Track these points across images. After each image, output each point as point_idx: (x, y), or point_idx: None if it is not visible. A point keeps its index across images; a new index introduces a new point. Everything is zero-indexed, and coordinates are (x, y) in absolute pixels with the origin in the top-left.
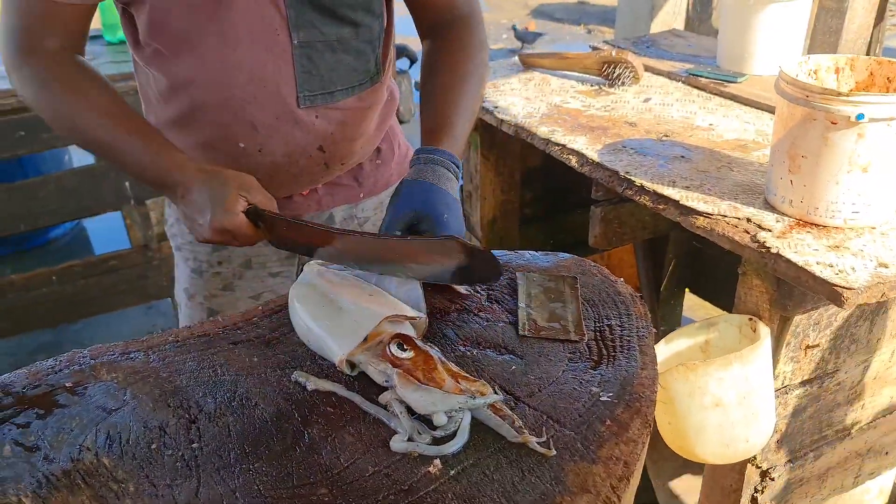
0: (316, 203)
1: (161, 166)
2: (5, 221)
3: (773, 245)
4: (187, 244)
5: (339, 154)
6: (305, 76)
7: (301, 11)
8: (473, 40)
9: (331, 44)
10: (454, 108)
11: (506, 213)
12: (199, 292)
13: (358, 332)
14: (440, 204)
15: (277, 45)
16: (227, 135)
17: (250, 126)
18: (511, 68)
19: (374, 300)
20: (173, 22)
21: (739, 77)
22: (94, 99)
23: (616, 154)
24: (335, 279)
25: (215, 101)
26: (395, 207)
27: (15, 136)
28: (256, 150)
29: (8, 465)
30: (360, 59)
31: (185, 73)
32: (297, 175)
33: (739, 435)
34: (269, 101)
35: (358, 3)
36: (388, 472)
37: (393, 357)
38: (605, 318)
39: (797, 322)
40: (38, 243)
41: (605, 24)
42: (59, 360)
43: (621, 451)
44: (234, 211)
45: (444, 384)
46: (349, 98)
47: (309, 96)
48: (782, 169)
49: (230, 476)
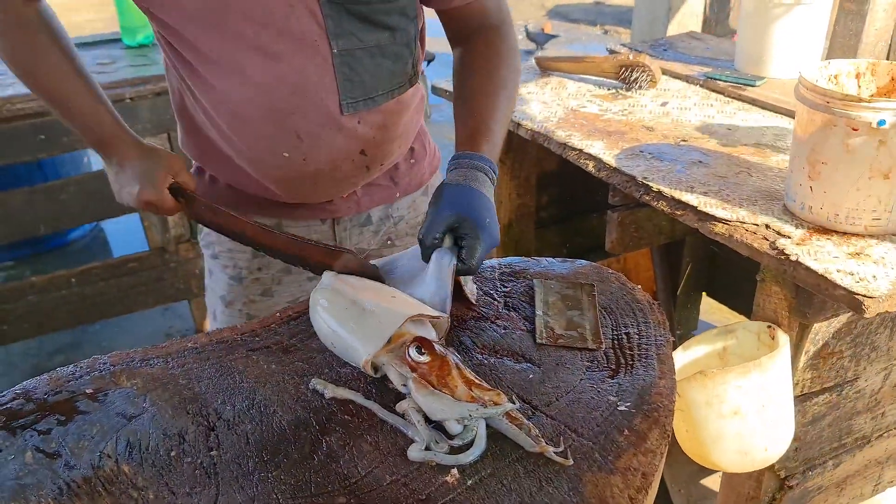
0: (355, 205)
1: (104, 132)
2: (27, 224)
3: (792, 252)
4: (226, 252)
5: (380, 156)
6: (347, 84)
7: (339, 20)
8: (506, 46)
9: (370, 50)
10: (492, 114)
11: (521, 217)
12: (238, 299)
13: (383, 333)
14: (482, 209)
15: (318, 55)
16: (270, 146)
17: (294, 136)
18: (528, 72)
19: (396, 301)
20: (213, 40)
21: (758, 80)
22: (55, 59)
23: (633, 159)
24: (356, 283)
25: (258, 114)
26: (437, 209)
27: (36, 139)
28: (301, 158)
29: (30, 471)
30: (398, 63)
31: (227, 89)
32: (339, 180)
33: (758, 444)
34: (312, 111)
35: (393, 8)
36: (406, 482)
37: (411, 360)
38: (623, 326)
39: (816, 329)
40: (58, 245)
41: (622, 25)
42: (79, 367)
43: (639, 461)
44: (160, 188)
45: (456, 391)
46: (389, 101)
47: (352, 103)
48: (802, 175)
49: (249, 484)
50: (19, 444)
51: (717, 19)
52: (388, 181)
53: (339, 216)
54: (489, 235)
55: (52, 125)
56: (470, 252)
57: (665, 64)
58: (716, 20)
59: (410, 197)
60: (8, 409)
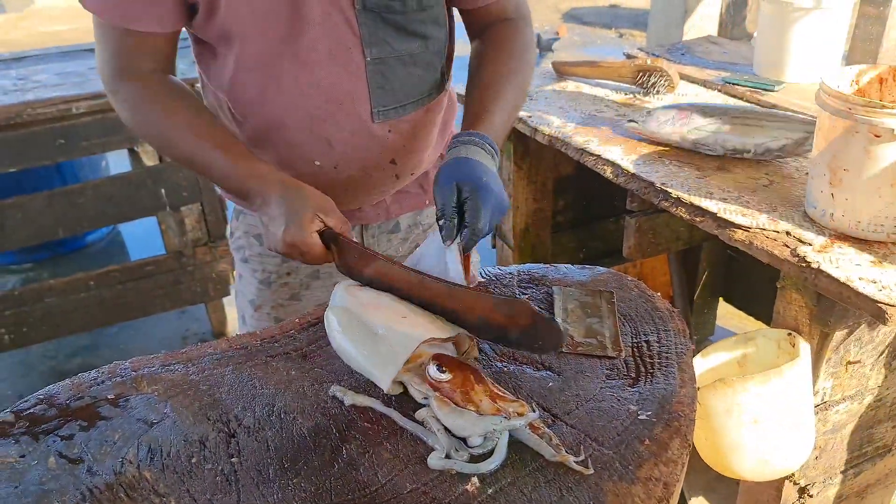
0: (384, 212)
1: (241, 175)
2: (46, 227)
3: (813, 260)
4: (256, 256)
5: (410, 165)
6: (379, 91)
7: (374, 29)
8: (520, 40)
9: (402, 58)
10: (495, 100)
11: (538, 222)
12: (266, 303)
13: (396, 360)
14: (479, 171)
15: (351, 62)
16: (302, 153)
17: (326, 143)
18: (544, 76)
19: (408, 322)
20: (248, 47)
21: (776, 85)
22: (181, 116)
23: (651, 165)
24: (366, 299)
25: (291, 121)
26: (438, 187)
27: (54, 143)
28: (332, 166)
29: (53, 476)
30: (429, 71)
31: (261, 95)
32: (370, 188)
33: (777, 452)
34: (344, 119)
35: (428, 17)
36: (426, 490)
37: (432, 380)
38: (643, 333)
39: (838, 338)
40: (76, 248)
41: (637, 28)
42: (101, 372)
43: (661, 471)
44: (307, 230)
45: (481, 405)
46: (419, 109)
47: (383, 111)
48: (823, 182)
49: (269, 491)
50: (42, 450)
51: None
52: (418, 188)
53: (368, 223)
54: (492, 195)
55: (70, 130)
56: (474, 214)
57: (682, 68)
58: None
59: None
60: (31, 415)
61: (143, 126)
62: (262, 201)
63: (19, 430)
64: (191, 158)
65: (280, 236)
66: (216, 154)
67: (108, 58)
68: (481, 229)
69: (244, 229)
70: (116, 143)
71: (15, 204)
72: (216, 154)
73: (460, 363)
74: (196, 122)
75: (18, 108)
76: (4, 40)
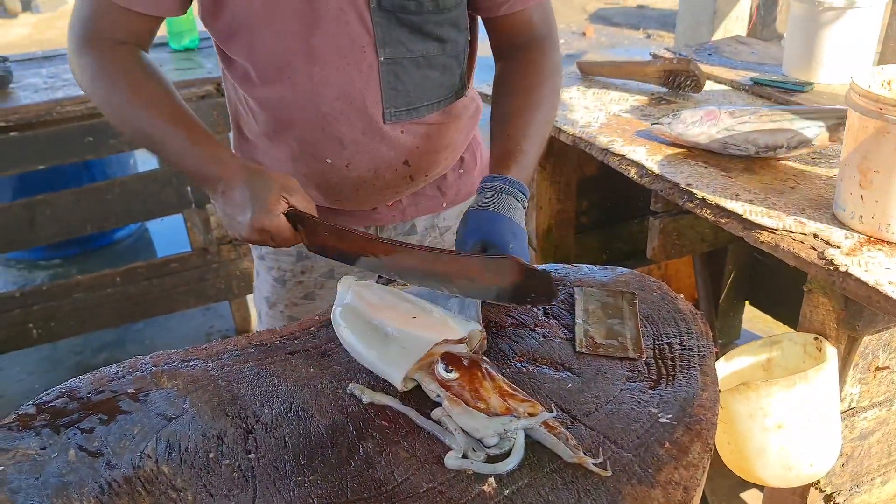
0: (400, 214)
1: (202, 160)
2: (74, 224)
3: (841, 263)
4: (271, 254)
5: (424, 167)
6: (392, 93)
7: (388, 28)
8: (548, 64)
9: (416, 60)
10: (525, 134)
11: (561, 223)
12: (281, 301)
13: (408, 360)
14: (506, 233)
15: (364, 62)
16: (314, 151)
17: (337, 142)
18: (570, 77)
19: (418, 323)
20: (263, 44)
21: (806, 86)
22: (144, 91)
23: (677, 165)
24: (374, 300)
25: (303, 118)
26: (462, 236)
27: (83, 141)
28: (343, 165)
29: (72, 469)
30: (445, 74)
31: (274, 92)
32: (382, 188)
33: (803, 459)
34: (356, 118)
35: (445, 20)
36: (443, 490)
37: (440, 378)
38: (665, 335)
39: (866, 343)
40: (104, 244)
41: (665, 29)
42: (122, 366)
43: (681, 475)
44: (274, 212)
45: (490, 402)
46: (434, 113)
47: (394, 112)
48: (852, 183)
49: (286, 488)
50: (63, 442)
51: (764, 23)
52: (435, 191)
53: (383, 224)
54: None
55: (99, 128)
56: None
57: (710, 69)
58: (762, 24)
59: (458, 207)
60: (52, 408)
61: (102, 95)
62: (225, 187)
63: (41, 423)
64: (149, 134)
65: (248, 223)
66: (177, 133)
67: (83, 19)
68: None
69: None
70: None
71: (44, 200)
72: (177, 133)
73: (470, 360)
74: (159, 98)
75: (48, 105)
76: (39, 39)
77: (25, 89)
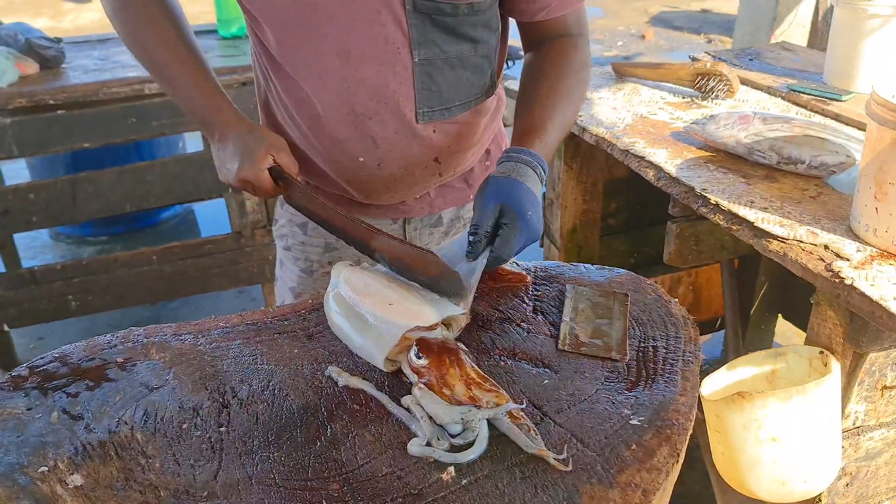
0: (428, 206)
1: (206, 105)
2: (115, 201)
3: (847, 276)
4: (298, 245)
5: (453, 163)
6: (425, 93)
7: (423, 30)
8: (579, 57)
9: (450, 60)
10: (550, 116)
11: (586, 223)
12: (308, 291)
13: (385, 347)
14: (525, 201)
15: (399, 62)
16: (347, 149)
17: (370, 141)
18: (602, 77)
19: (394, 310)
20: (299, 40)
21: (845, 95)
22: (160, 26)
23: (696, 169)
24: (359, 285)
25: (336, 117)
26: (481, 202)
27: (127, 122)
28: (375, 164)
29: (53, 430)
30: (477, 74)
31: (309, 90)
32: (412, 185)
33: (797, 474)
34: (389, 118)
35: (479, 21)
36: (401, 475)
37: (412, 365)
38: (652, 338)
39: (873, 360)
40: (149, 224)
41: (727, 34)
42: (115, 336)
43: (642, 478)
44: (260, 166)
45: (455, 390)
46: (465, 112)
47: (427, 112)
48: (868, 195)
49: (250, 462)
50: (48, 404)
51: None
52: (462, 183)
53: (411, 216)
54: (529, 228)
55: (143, 109)
56: (504, 242)
57: (748, 74)
58: (826, 30)
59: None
60: (44, 371)
61: (124, 23)
62: (221, 135)
63: (31, 385)
64: (161, 69)
65: (235, 171)
66: (184, 73)
67: None
68: (506, 259)
69: (288, 217)
70: (186, 124)
71: (87, 178)
72: (184, 73)
73: (443, 347)
74: (173, 36)
75: (96, 86)
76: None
77: (76, 70)
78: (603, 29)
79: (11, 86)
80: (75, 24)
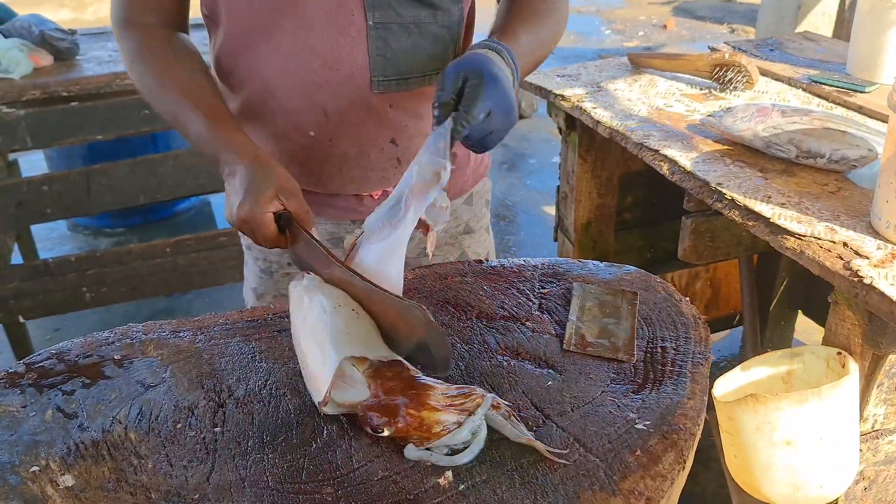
0: None
1: (217, 142)
2: (128, 193)
3: (866, 274)
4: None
5: (413, 149)
6: (380, 59)
7: None
8: (557, 12)
9: (407, 26)
10: (525, 30)
11: (601, 218)
12: (269, 292)
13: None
14: (491, 64)
15: (352, 26)
16: (297, 122)
17: (322, 113)
18: (620, 68)
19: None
20: (250, 6)
21: (868, 86)
22: (173, 73)
23: (712, 163)
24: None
25: (287, 86)
26: (443, 76)
27: (140, 114)
28: (327, 139)
29: (46, 428)
30: (437, 45)
31: (258, 58)
32: (367, 169)
33: (812, 478)
34: (341, 86)
35: None
36: (397, 479)
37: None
38: (661, 339)
39: (892, 361)
40: (164, 216)
41: (751, 24)
42: (114, 332)
43: (646, 485)
44: (263, 208)
45: (447, 424)
46: (425, 87)
47: (383, 81)
48: (889, 191)
49: (244, 464)
50: (43, 402)
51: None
52: None
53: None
54: (496, 88)
55: None
56: (470, 99)
57: (768, 65)
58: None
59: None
60: (41, 368)
61: (138, 77)
62: (230, 171)
63: (26, 382)
64: (175, 116)
65: (235, 209)
66: (198, 116)
67: (116, 5)
68: (475, 116)
69: None
70: None
71: (100, 170)
72: (198, 116)
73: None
74: (186, 81)
75: (108, 78)
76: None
77: (90, 62)
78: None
79: (25, 78)
80: (97, 15)
